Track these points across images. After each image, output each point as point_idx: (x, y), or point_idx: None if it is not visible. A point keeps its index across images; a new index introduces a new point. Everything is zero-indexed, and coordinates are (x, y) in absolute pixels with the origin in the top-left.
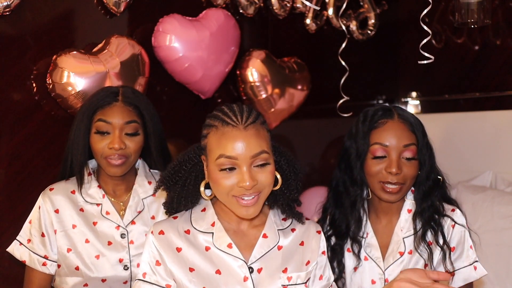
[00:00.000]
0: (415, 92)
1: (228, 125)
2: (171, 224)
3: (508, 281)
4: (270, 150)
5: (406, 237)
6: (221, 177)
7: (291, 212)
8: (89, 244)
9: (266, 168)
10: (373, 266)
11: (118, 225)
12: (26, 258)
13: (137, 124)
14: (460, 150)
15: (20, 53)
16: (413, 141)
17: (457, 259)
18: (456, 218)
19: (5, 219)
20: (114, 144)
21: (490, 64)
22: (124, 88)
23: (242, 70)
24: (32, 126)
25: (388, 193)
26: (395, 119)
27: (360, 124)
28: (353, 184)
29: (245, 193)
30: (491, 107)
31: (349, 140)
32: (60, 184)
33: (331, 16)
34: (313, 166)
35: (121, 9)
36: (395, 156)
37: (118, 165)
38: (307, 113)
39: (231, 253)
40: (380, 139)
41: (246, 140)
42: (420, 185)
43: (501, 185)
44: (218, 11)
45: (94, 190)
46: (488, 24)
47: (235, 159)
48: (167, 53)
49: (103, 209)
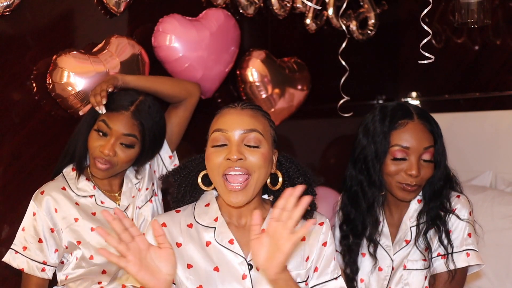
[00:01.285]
0: (415, 92)
1: (228, 107)
2: (173, 218)
3: (508, 281)
4: (268, 138)
5: (413, 226)
6: (212, 152)
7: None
8: (95, 232)
9: (257, 150)
10: (383, 254)
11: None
12: (24, 266)
13: (135, 139)
14: (460, 150)
15: (20, 53)
16: (432, 143)
17: (452, 244)
18: (457, 202)
19: (5, 219)
20: (105, 149)
21: (490, 64)
22: (143, 99)
23: (242, 70)
24: (32, 126)
25: (406, 191)
26: (415, 120)
27: (378, 123)
28: (371, 186)
29: (231, 166)
30: (491, 107)
31: (366, 138)
32: (49, 185)
33: (331, 16)
34: (313, 166)
35: (121, 9)
36: (415, 159)
37: (104, 170)
38: (307, 113)
39: (232, 249)
40: (401, 141)
41: (239, 116)
42: (431, 185)
43: (501, 185)
44: (218, 11)
45: (83, 183)
46: (488, 24)
47: (226, 132)
48: (167, 53)
49: (97, 199)
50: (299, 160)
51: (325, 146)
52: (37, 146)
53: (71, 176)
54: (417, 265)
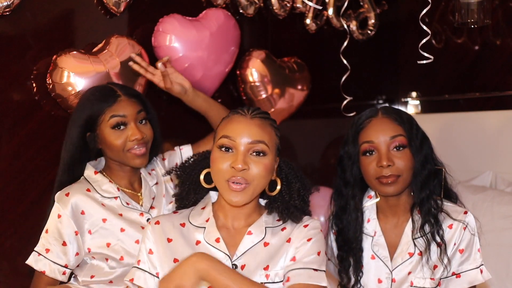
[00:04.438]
0: (415, 92)
1: (237, 113)
2: (169, 218)
3: (508, 281)
4: (273, 148)
5: (416, 238)
6: (218, 156)
7: (288, 214)
8: (125, 233)
9: (261, 159)
10: (380, 265)
11: (142, 212)
12: (46, 269)
13: (144, 112)
14: (460, 150)
15: (20, 53)
16: (399, 132)
17: (464, 261)
18: (468, 219)
19: (6, 219)
20: (135, 135)
21: (490, 64)
22: (114, 84)
23: (242, 70)
24: (32, 126)
25: (385, 184)
26: (379, 116)
27: (349, 130)
28: (346, 186)
29: (234, 175)
30: (491, 107)
31: (342, 148)
32: (73, 187)
33: (331, 16)
34: (313, 166)
35: (121, 9)
36: (384, 150)
37: (142, 155)
38: (307, 113)
39: (218, 247)
40: (367, 137)
41: (248, 126)
42: (416, 176)
43: (501, 185)
44: (218, 11)
45: (107, 185)
46: (488, 24)
47: (234, 140)
48: (167, 53)
49: (123, 201)
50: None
51: (325, 146)
52: (37, 146)
53: (95, 178)
54: (425, 283)
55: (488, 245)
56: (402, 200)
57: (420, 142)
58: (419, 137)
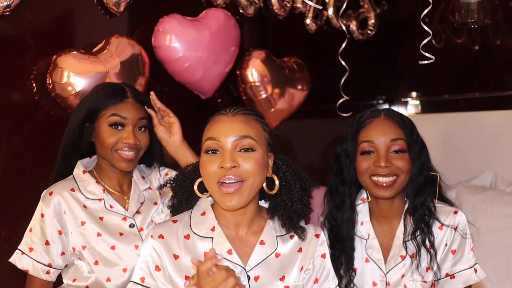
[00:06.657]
0: (415, 92)
1: (220, 114)
2: (171, 229)
3: (508, 281)
4: (262, 142)
5: (407, 241)
6: (206, 160)
7: (292, 225)
8: (101, 238)
9: (250, 154)
10: (374, 268)
11: (125, 216)
12: (29, 268)
13: (146, 120)
14: (460, 150)
15: (20, 53)
16: (400, 136)
17: (457, 262)
18: (458, 219)
19: (5, 219)
20: (129, 139)
21: (490, 64)
22: (127, 85)
23: (242, 70)
24: (32, 126)
25: (381, 188)
26: (381, 117)
27: (349, 128)
28: (342, 184)
29: (225, 175)
30: (491, 107)
31: (340, 145)
32: (58, 185)
33: (331, 16)
34: (313, 166)
35: (121, 9)
36: (383, 151)
37: (130, 159)
38: (307, 113)
39: (231, 259)
40: (367, 137)
41: (232, 123)
42: (412, 182)
43: (501, 185)
44: (218, 11)
45: (93, 186)
46: (488, 24)
47: (219, 140)
48: (167, 53)
49: (106, 203)
50: (299, 160)
51: (325, 146)
52: (37, 146)
53: (82, 178)
54: (418, 286)
55: (488, 245)
56: (395, 203)
57: (419, 148)
58: (419, 143)
